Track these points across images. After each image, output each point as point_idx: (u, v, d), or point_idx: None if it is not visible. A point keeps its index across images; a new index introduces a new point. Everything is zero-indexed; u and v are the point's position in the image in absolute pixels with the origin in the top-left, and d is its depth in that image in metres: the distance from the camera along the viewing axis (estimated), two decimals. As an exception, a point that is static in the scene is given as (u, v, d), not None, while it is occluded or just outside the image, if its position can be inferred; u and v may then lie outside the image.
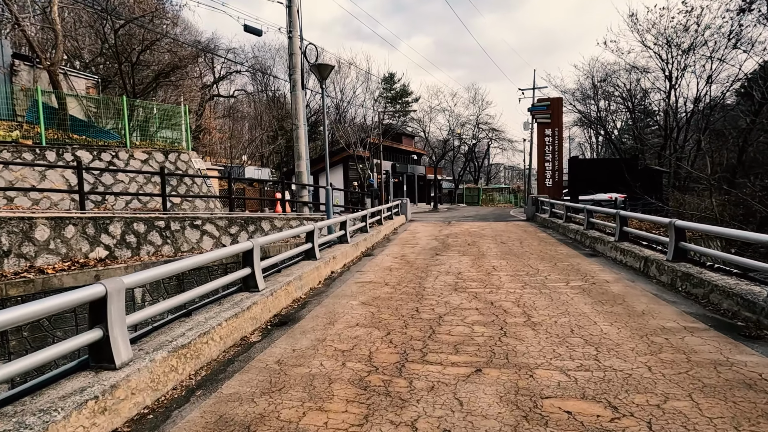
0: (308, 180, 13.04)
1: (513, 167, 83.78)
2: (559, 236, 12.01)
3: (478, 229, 14.57)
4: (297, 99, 12.68)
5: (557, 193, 18.91)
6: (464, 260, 8.65)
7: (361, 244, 10.19)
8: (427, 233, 13.71)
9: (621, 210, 9.54)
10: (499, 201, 52.04)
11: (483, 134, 48.33)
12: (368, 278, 7.23)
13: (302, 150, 12.76)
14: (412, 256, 9.38)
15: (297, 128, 12.71)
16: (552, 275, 7.03)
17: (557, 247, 10.16)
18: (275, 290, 5.44)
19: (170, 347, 3.48)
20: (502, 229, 14.64)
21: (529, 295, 5.83)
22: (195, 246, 10.13)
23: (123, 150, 14.08)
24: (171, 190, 14.76)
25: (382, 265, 8.42)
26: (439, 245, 10.90)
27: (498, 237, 12.24)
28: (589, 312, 5.00)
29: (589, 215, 10.80)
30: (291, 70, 12.65)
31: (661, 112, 27.18)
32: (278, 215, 12.03)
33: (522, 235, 12.68)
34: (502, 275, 7.13)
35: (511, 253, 9.42)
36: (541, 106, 19.00)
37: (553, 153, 19.04)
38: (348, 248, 9.07)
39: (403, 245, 11.12)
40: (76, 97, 14.76)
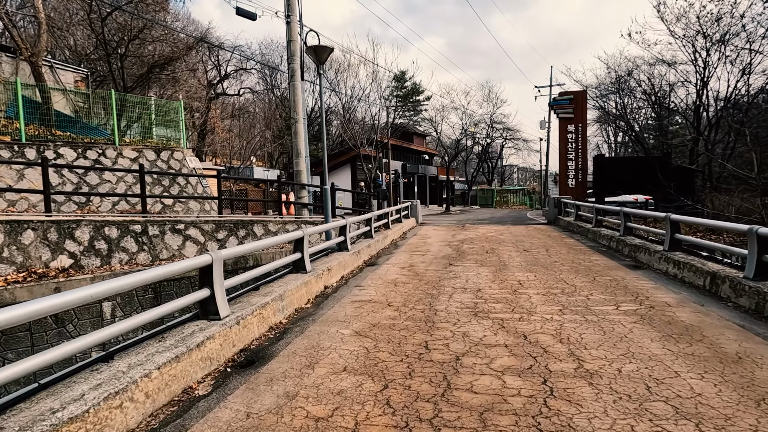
0: (309, 180, 11.87)
1: (527, 168, 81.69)
2: (589, 243, 10.59)
3: (495, 234, 13.21)
4: (296, 90, 11.53)
5: (581, 194, 17.44)
6: (483, 272, 7.34)
7: (364, 251, 8.94)
8: (439, 238, 12.40)
9: (663, 213, 8.15)
10: (513, 203, 50.39)
11: (497, 134, 46.80)
12: (368, 295, 5.97)
13: (301, 146, 11.59)
14: (422, 266, 8.09)
15: (296, 122, 11.54)
16: (595, 294, 5.68)
17: (591, 256, 8.77)
18: (243, 317, 4.22)
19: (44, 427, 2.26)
20: (522, 233, 13.26)
21: (573, 324, 4.50)
22: (176, 253, 8.99)
23: (111, 147, 13.07)
24: (163, 190, 13.72)
25: (386, 277, 7.16)
26: (452, 253, 9.60)
27: (519, 243, 10.88)
28: (661, 353, 3.67)
29: (627, 219, 9.39)
30: (289, 59, 11.49)
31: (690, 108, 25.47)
32: (273, 219, 10.87)
33: (547, 241, 11.29)
34: (532, 294, 5.81)
35: (538, 263, 8.07)
36: (563, 100, 17.56)
37: (576, 151, 17.58)
38: (347, 257, 7.83)
39: (412, 253, 9.84)
40: (62, 92, 13.84)
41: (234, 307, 4.45)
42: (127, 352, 3.33)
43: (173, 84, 17.62)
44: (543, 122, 40.59)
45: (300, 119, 11.56)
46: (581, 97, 17.53)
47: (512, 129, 46.37)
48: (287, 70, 10.91)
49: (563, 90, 18.11)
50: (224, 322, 4.01)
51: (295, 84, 11.51)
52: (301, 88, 11.81)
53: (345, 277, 7.29)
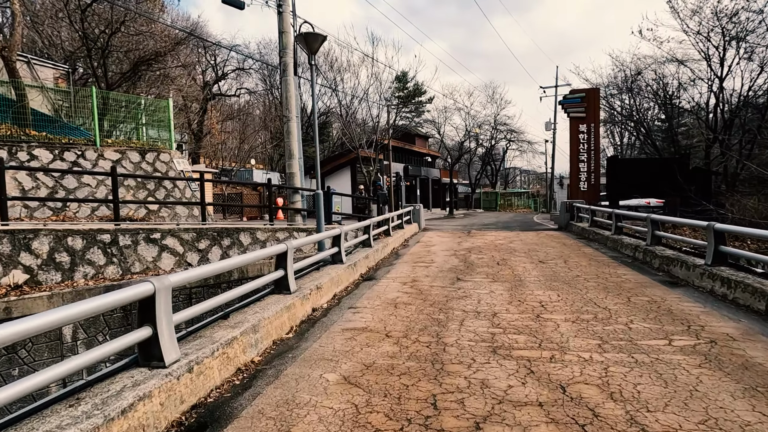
0: (302, 182, 10.95)
1: (529, 171, 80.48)
2: (611, 253, 9.60)
3: (504, 241, 12.24)
4: (288, 86, 10.62)
5: (593, 197, 16.46)
6: (497, 290, 6.37)
7: (361, 263, 7.99)
8: (444, 246, 11.44)
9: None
10: (518, 206, 49.40)
11: (501, 135, 45.79)
12: (363, 321, 5.02)
13: (294, 147, 10.68)
14: (426, 281, 7.13)
15: (288, 121, 10.63)
16: (636, 321, 4.71)
17: (616, 269, 7.79)
18: (199, 361, 3.28)
19: None
20: (533, 241, 12.28)
21: (621, 368, 3.54)
22: (150, 266, 8.06)
23: (91, 149, 12.18)
24: (147, 195, 12.81)
25: (385, 296, 6.20)
26: (459, 264, 8.63)
27: (533, 253, 9.91)
28: (755, 421, 2.70)
29: (655, 226, 8.40)
30: (281, 52, 10.59)
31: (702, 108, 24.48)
32: (262, 226, 9.95)
33: (562, 250, 10.31)
34: (559, 320, 4.84)
35: (558, 278, 7.10)
36: (574, 99, 16.60)
37: (589, 152, 16.60)
38: (341, 271, 6.88)
39: (415, 264, 8.88)
40: (40, 89, 12.98)
41: (188, 346, 3.50)
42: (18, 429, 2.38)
43: (164, 82, 16.73)
44: (548, 123, 39.59)
45: (293, 117, 10.64)
46: (593, 95, 16.57)
47: (516, 131, 45.40)
48: (279, 65, 9.98)
49: (573, 89, 17.16)
50: (170, 371, 3.06)
51: (288, 79, 10.60)
52: (294, 84, 10.91)
53: (338, 296, 6.33)
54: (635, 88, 21.64)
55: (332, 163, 27.60)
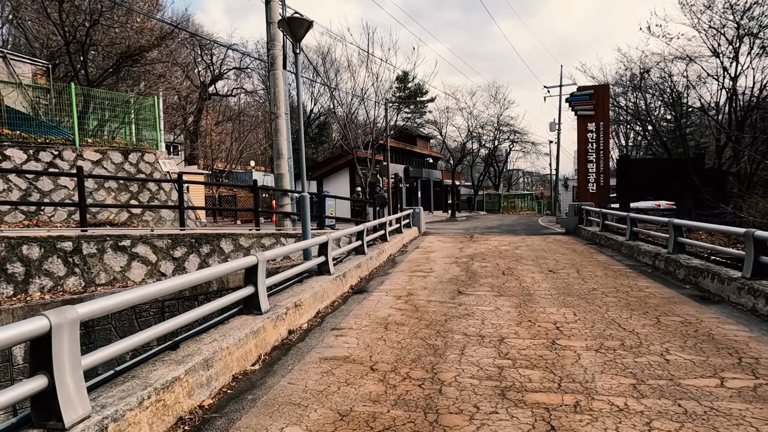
0: (292, 184, 10.19)
1: (533, 173, 79.40)
2: (627, 261, 8.78)
3: (509, 247, 11.43)
4: (277, 81, 9.88)
5: (602, 200, 15.62)
6: (503, 306, 5.58)
7: (352, 273, 7.21)
8: (444, 253, 10.65)
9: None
10: (521, 208, 48.52)
11: (504, 136, 44.98)
12: (345, 348, 4.24)
13: (283, 146, 9.92)
14: (423, 294, 6.35)
15: (276, 118, 9.88)
16: (673, 351, 3.91)
17: (636, 280, 6.98)
18: (117, 416, 2.51)
19: None
20: (540, 246, 11.47)
21: (667, 422, 2.74)
22: (118, 276, 7.29)
23: (69, 148, 11.46)
24: (130, 198, 12.08)
25: (375, 313, 5.42)
26: (461, 274, 7.84)
27: (541, 260, 9.10)
28: None
29: (677, 232, 7.58)
30: (269, 44, 9.84)
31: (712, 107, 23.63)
32: (246, 232, 9.20)
33: (573, 257, 9.50)
34: (580, 348, 4.04)
35: (572, 291, 6.30)
36: (582, 96, 15.79)
37: (598, 152, 15.78)
38: (327, 284, 6.10)
39: (413, 273, 8.09)
40: (17, 86, 12.29)
41: (110, 393, 2.73)
42: None
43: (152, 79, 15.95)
44: (553, 124, 38.78)
45: (281, 114, 9.89)
46: (603, 91, 15.75)
47: (520, 131, 44.60)
48: (267, 57, 9.22)
49: (581, 85, 16.34)
50: (68, 438, 2.28)
51: (276, 73, 9.86)
52: (284, 79, 10.16)
53: (322, 313, 5.55)
54: (644, 86, 20.79)
55: (331, 165, 26.86)
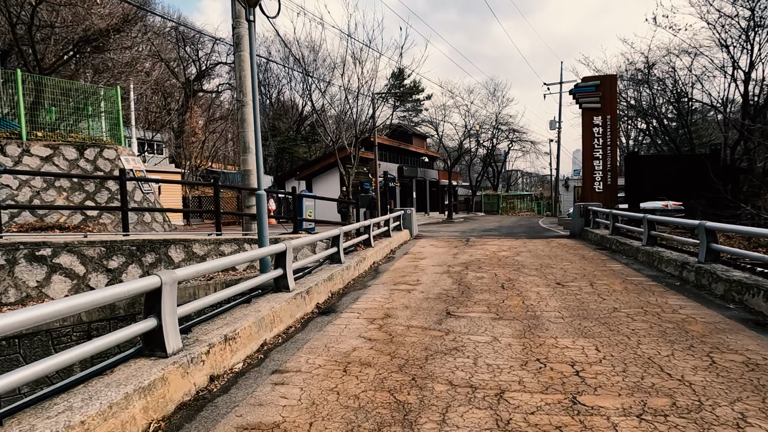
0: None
1: (531, 174, 78.22)
2: (647, 270, 7.53)
3: (510, 252, 10.19)
4: (243, 63, 8.64)
5: (610, 200, 14.40)
6: (503, 336, 4.33)
7: (320, 288, 5.96)
8: (436, 260, 9.40)
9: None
10: (520, 209, 47.33)
11: (503, 135, 43.76)
12: (278, 409, 2.98)
13: (250, 138, 8.67)
14: (404, 317, 5.10)
15: (243, 106, 8.63)
16: (751, 418, 2.66)
17: (665, 296, 5.73)
18: None
19: None
20: (544, 251, 10.23)
21: None
22: (33, 293, 6.02)
23: (14, 143, 10.19)
24: (85, 198, 10.81)
25: (336, 346, 4.18)
26: (453, 287, 6.59)
27: (547, 269, 7.85)
28: None
29: (711, 238, 6.34)
30: (234, 22, 8.60)
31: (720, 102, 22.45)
32: (204, 237, 7.93)
33: (583, 265, 8.24)
34: (612, 411, 2.80)
35: (588, 312, 5.05)
36: (587, 87, 14.57)
37: (605, 148, 14.55)
38: (282, 304, 4.85)
39: (395, 286, 6.84)
40: (-42, 73, 11.02)
41: None
42: None
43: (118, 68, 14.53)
44: (553, 122, 37.61)
45: (248, 102, 8.64)
46: (610, 82, 14.52)
47: (519, 130, 43.39)
48: (232, 37, 7.93)
49: (586, 76, 15.11)
50: None
51: (242, 55, 8.61)
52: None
53: (268, 345, 4.30)
54: (650, 80, 19.59)
55: (320, 164, 25.61)
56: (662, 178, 13.66)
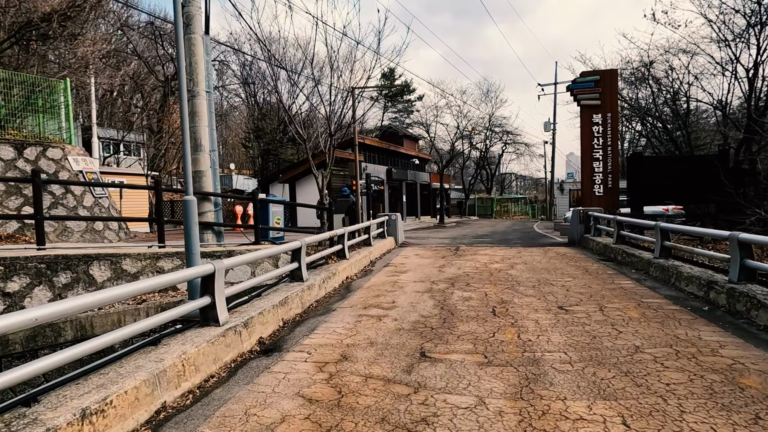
0: (215, 185, 7.71)
1: (525, 177, 77.44)
2: (664, 289, 6.40)
3: (503, 264, 9.05)
4: (194, 48, 7.39)
5: (611, 204, 13.34)
6: (491, 394, 3.17)
7: (264, 318, 4.76)
8: (419, 274, 8.24)
9: None
10: (514, 213, 46.35)
11: (496, 137, 42.80)
12: None
13: (203, 134, 7.45)
14: (364, 360, 3.92)
15: (193, 97, 7.42)
16: None
17: (697, 329, 4.59)
18: None
19: None
20: (542, 263, 9.09)
21: None
22: None
23: (-62, 140, 8.91)
24: (23, 203, 9.54)
25: (259, 415, 2.99)
26: (433, 313, 5.43)
27: (545, 286, 6.71)
28: None
29: (745, 253, 5.23)
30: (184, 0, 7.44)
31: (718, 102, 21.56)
32: (137, 252, 6.71)
33: (588, 282, 7.10)
34: None
35: (603, 354, 3.90)
36: (586, 83, 13.52)
37: (605, 148, 13.50)
38: (203, 347, 3.67)
39: (365, 311, 5.66)
40: None
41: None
42: None
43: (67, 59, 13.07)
44: (548, 123, 36.70)
45: (201, 92, 7.44)
46: (610, 77, 13.47)
47: (513, 132, 42.45)
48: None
49: (585, 71, 14.06)
50: None
51: (193, 38, 7.41)
52: (205, 46, 7.73)
53: (164, 414, 3.09)
54: (649, 78, 18.63)
55: (303, 166, 24.30)
56: (667, 180, 12.61)
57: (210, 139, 7.68)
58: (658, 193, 12.64)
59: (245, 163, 44.27)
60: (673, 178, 12.57)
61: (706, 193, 11.95)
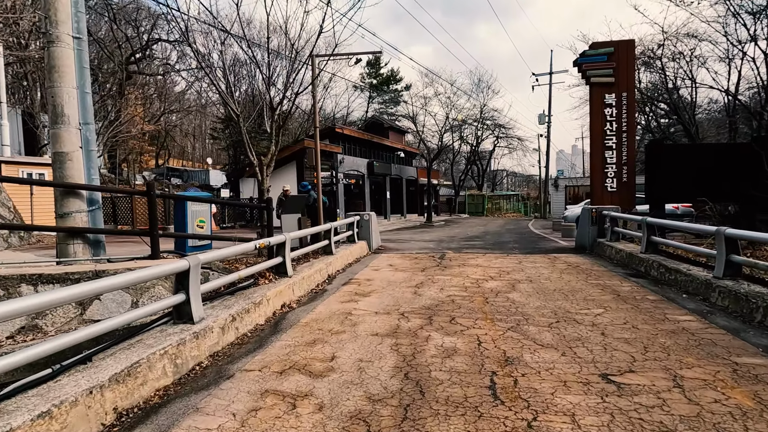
0: (88, 173, 5.35)
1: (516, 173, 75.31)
2: (754, 332, 4.19)
3: (500, 282, 6.80)
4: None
5: (626, 201, 11.20)
6: None
7: (65, 417, 2.41)
8: (385, 300, 5.94)
9: None
10: (506, 210, 44.29)
11: (488, 131, 40.65)
12: None
13: (65, 99, 5.05)
14: None
15: (51, 43, 5.03)
16: None
17: None
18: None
19: None
20: (552, 281, 6.86)
21: None
22: None
23: None
24: None
25: None
26: (389, 392, 3.14)
27: (571, 328, 4.46)
28: None
29: None
30: None
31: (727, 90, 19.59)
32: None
33: (630, 317, 4.85)
34: None
35: None
36: (597, 56, 11.31)
37: (619, 135, 11.33)
38: None
39: (275, 384, 3.35)
40: None
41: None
42: None
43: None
44: (542, 116, 34.65)
45: (63, 36, 5.05)
46: (627, 50, 11.26)
47: (505, 126, 40.31)
48: None
49: (595, 41, 11.78)
50: None
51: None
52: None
53: None
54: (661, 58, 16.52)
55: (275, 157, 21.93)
56: (693, 173, 10.47)
57: (81, 108, 5.30)
58: (683, 187, 10.51)
59: (221, 157, 41.66)
60: (701, 170, 10.44)
61: (746, 188, 9.82)
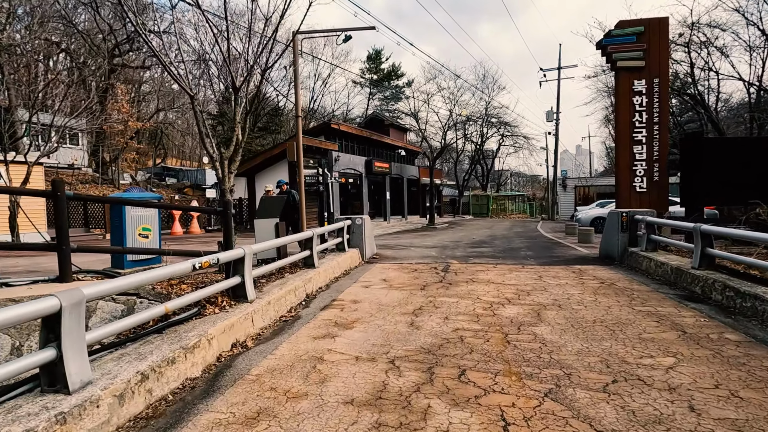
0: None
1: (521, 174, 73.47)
2: None
3: (522, 309, 5.35)
4: None
5: (658, 203, 9.73)
6: None
7: None
8: (372, 337, 4.50)
9: None
10: (512, 211, 42.79)
11: (493, 130, 39.16)
12: None
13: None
14: None
15: None
16: None
17: None
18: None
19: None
20: (589, 309, 5.40)
21: None
22: None
23: None
24: None
25: None
26: None
27: (640, 397, 3.00)
28: None
29: None
30: None
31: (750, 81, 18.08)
32: None
33: (715, 372, 3.39)
34: None
35: None
36: (625, 36, 9.85)
37: (650, 127, 9.85)
38: None
39: None
40: None
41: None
42: None
43: None
44: (550, 113, 33.15)
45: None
46: (659, 29, 9.80)
47: (510, 124, 38.79)
48: None
49: (622, 20, 10.32)
50: None
51: None
52: None
53: None
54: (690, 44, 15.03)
55: (262, 156, 20.51)
56: (740, 170, 8.99)
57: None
58: (729, 187, 9.02)
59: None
60: (748, 167, 8.96)
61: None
